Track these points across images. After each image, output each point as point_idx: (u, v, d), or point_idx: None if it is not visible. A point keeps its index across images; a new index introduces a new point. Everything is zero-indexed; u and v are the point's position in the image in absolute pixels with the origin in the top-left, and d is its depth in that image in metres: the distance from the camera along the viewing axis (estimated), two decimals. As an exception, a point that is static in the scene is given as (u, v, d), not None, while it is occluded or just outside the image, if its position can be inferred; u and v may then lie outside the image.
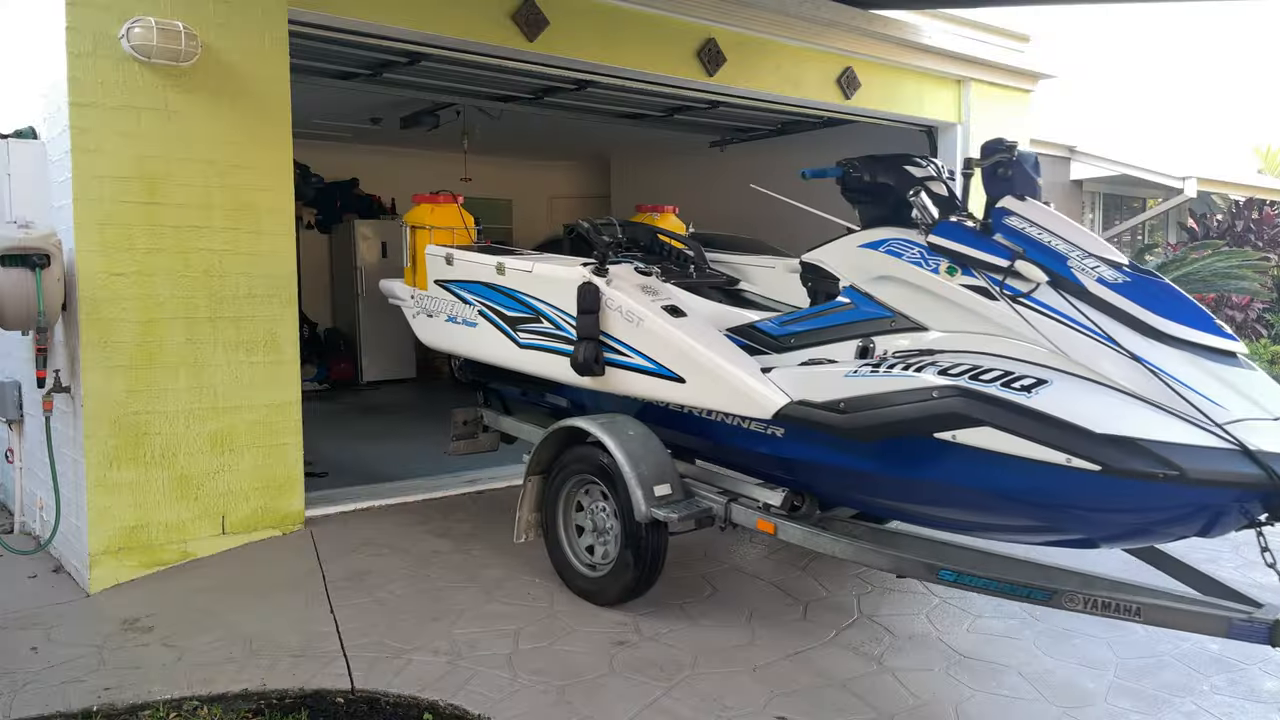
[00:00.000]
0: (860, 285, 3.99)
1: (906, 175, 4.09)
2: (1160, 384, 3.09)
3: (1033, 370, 3.28)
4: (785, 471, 4.11)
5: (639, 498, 4.03)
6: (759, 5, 6.80)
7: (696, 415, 4.37)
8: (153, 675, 3.64)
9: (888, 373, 3.54)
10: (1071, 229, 3.60)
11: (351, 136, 11.08)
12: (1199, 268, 10.82)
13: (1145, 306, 3.28)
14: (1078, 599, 3.23)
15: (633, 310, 4.30)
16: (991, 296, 3.51)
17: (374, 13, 5.35)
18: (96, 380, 4.50)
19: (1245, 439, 2.93)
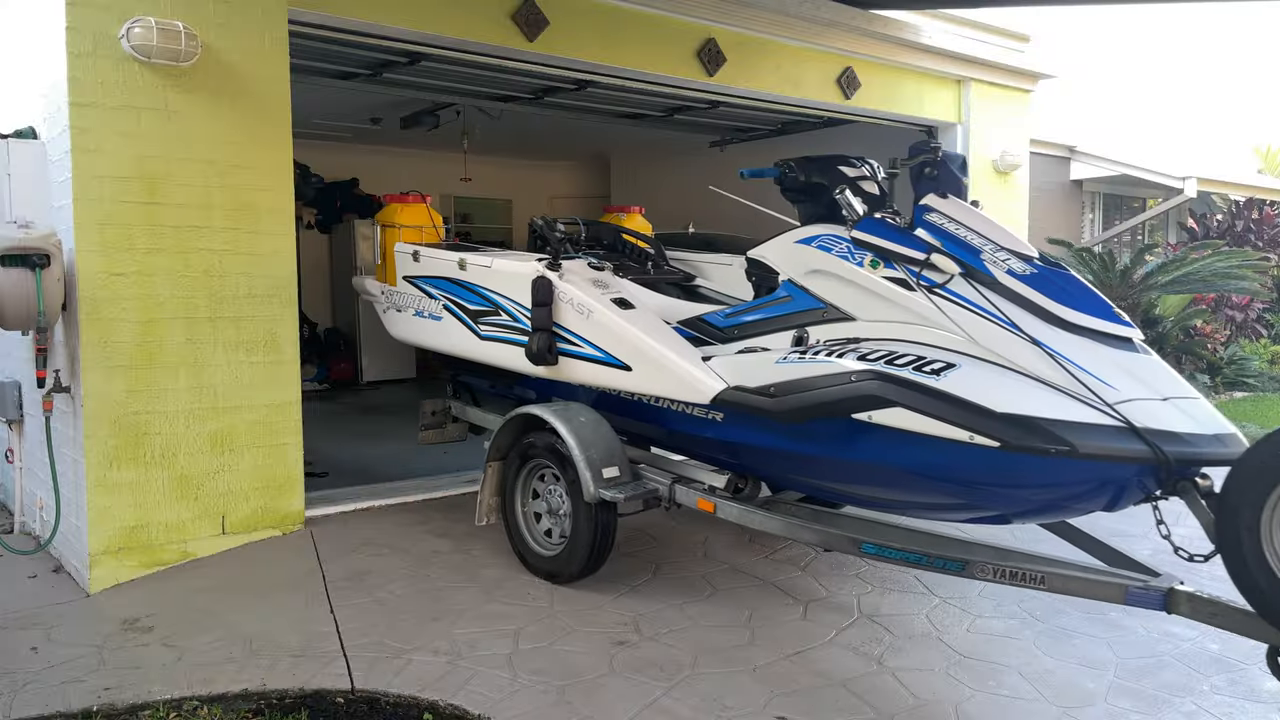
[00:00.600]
0: (796, 279, 4.22)
1: (839, 174, 4.30)
2: (1059, 367, 3.34)
3: (943, 355, 3.55)
4: (728, 455, 4.36)
5: (588, 479, 4.27)
6: (759, 5, 6.80)
7: (647, 403, 4.61)
8: (153, 675, 3.64)
9: (813, 359, 3.84)
10: (988, 225, 3.84)
11: (351, 136, 11.08)
12: (1199, 268, 10.81)
13: (1049, 296, 3.53)
14: (988, 569, 3.47)
15: (583, 302, 4.53)
16: (910, 287, 3.76)
17: (374, 13, 5.35)
18: (96, 380, 4.50)
19: (1133, 417, 3.17)
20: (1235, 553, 2.94)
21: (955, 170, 4.08)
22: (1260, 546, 2.89)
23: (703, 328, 4.58)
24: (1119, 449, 3.16)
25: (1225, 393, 11.34)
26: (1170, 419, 3.24)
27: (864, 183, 4.29)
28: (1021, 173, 9.04)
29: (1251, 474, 2.93)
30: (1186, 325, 11.90)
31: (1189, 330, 12.03)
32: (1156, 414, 3.23)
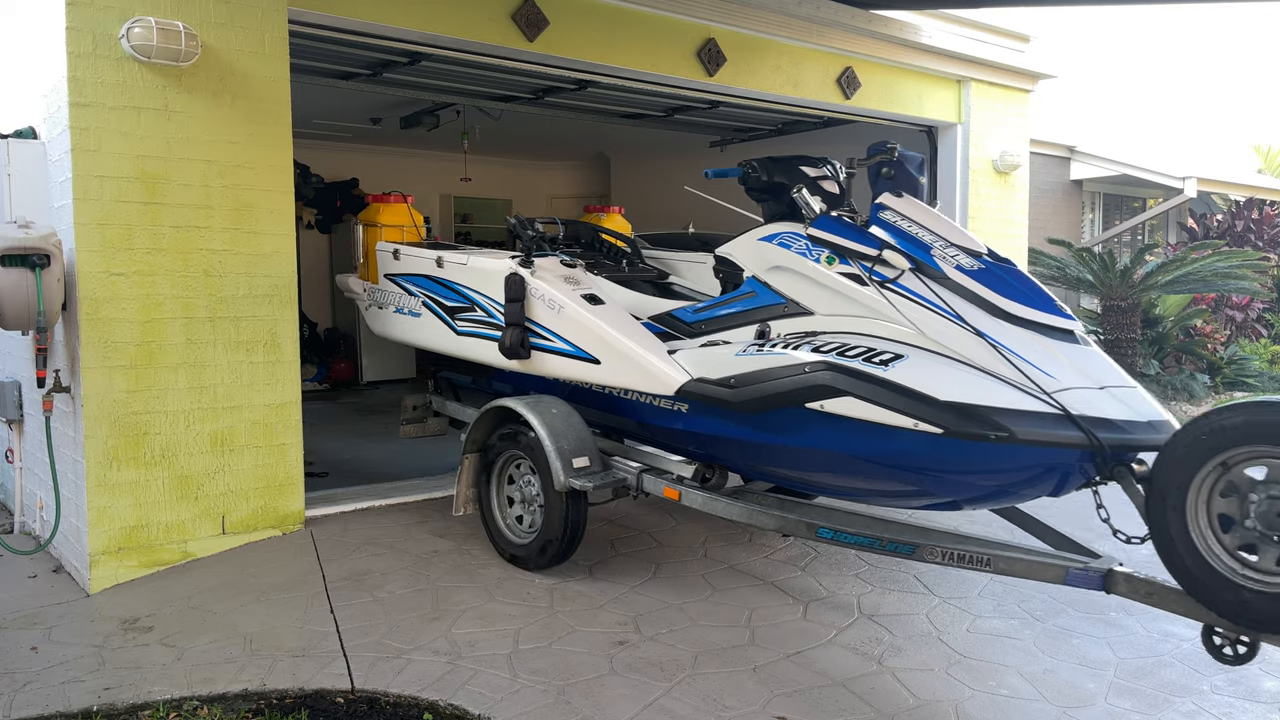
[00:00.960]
0: (760, 275, 4.38)
1: (799, 174, 4.43)
2: (1001, 358, 3.51)
3: (892, 346, 3.72)
4: (694, 445, 4.51)
5: (558, 469, 4.43)
6: (759, 5, 6.80)
7: (619, 396, 4.77)
8: (153, 675, 3.64)
9: (770, 351, 4.03)
10: (940, 222, 3.99)
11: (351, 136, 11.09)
12: (1199, 268, 10.81)
13: (994, 290, 3.70)
14: (936, 552, 3.65)
15: (554, 298, 4.72)
16: (863, 282, 3.93)
17: (374, 13, 5.35)
18: (96, 380, 4.50)
19: (1070, 405, 3.34)
20: (1163, 533, 3.07)
21: (912, 170, 4.21)
22: (1186, 527, 3.01)
23: (672, 323, 4.74)
24: (1055, 435, 3.31)
25: (1225, 393, 11.34)
26: (1106, 407, 3.39)
27: (824, 182, 4.43)
28: (1021, 173, 9.04)
29: (1178, 458, 3.04)
30: (1186, 325, 11.91)
31: (1189, 330, 12.03)
32: (1093, 402, 3.38)
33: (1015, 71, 8.83)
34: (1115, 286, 10.84)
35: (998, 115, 8.78)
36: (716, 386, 4.13)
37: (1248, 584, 2.89)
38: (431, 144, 11.25)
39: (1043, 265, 10.98)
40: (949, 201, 8.70)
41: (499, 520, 4.92)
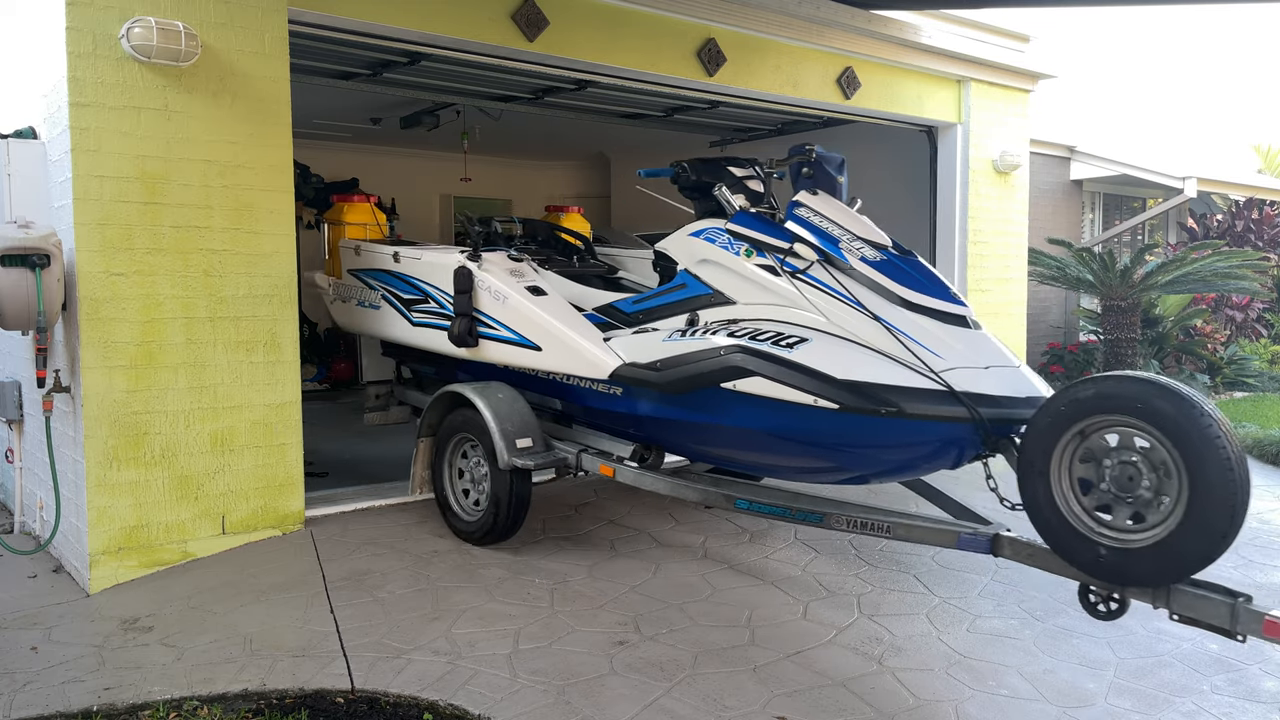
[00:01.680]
0: (690, 268, 4.69)
1: (725, 173, 4.74)
2: (896, 341, 3.85)
3: (798, 331, 4.08)
4: (631, 426, 4.87)
5: (502, 449, 4.77)
6: (759, 5, 6.80)
7: (564, 382, 5.12)
8: (153, 675, 3.64)
9: (691, 337, 4.40)
10: (849, 218, 4.29)
11: (351, 136, 11.08)
12: (1199, 268, 10.81)
13: (894, 279, 4.02)
14: (843, 520, 3.98)
15: (500, 289, 5.08)
16: (777, 273, 4.27)
17: (374, 13, 5.35)
18: (96, 380, 4.50)
19: (954, 383, 3.67)
20: (1032, 497, 3.36)
21: (831, 170, 4.50)
22: (1051, 490, 3.32)
23: (614, 313, 5.08)
24: (940, 410, 3.66)
25: (1225, 393, 11.34)
26: (987, 384, 3.71)
27: (750, 181, 4.74)
28: (1021, 173, 9.04)
29: (1043, 428, 3.34)
30: (1186, 325, 11.90)
31: (1189, 330, 12.03)
32: (976, 380, 3.71)
33: (1015, 71, 8.83)
34: (1115, 286, 10.84)
35: (998, 115, 8.78)
36: (644, 370, 4.51)
37: (1103, 540, 3.21)
38: (431, 144, 11.25)
39: (1043, 265, 10.98)
40: (949, 201, 8.70)
41: (451, 499, 5.25)
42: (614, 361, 4.67)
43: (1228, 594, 3.11)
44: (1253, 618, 3.01)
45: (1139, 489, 3.16)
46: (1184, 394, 3.09)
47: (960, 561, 4.82)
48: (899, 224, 10.00)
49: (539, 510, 5.60)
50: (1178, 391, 3.09)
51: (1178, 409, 3.05)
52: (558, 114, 9.16)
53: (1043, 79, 9.16)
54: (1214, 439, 3.00)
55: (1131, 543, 3.16)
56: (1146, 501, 3.15)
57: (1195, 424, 3.01)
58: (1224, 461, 2.97)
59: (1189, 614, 3.18)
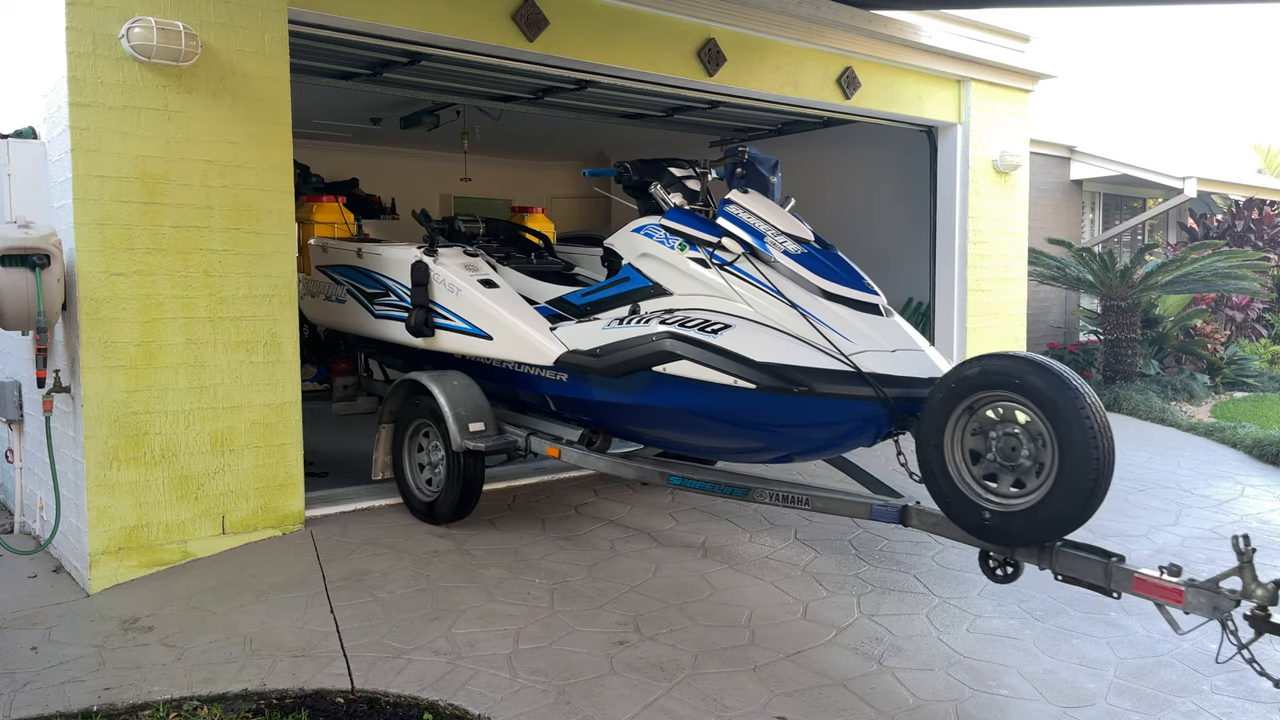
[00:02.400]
0: (633, 262, 4.96)
1: (665, 173, 5.05)
2: (811, 327, 4.15)
3: (724, 318, 4.39)
4: (577, 411, 5.18)
5: (455, 432, 5.08)
6: (759, 5, 6.80)
7: (517, 371, 5.41)
8: (153, 675, 3.64)
9: (628, 325, 4.74)
10: (776, 214, 4.56)
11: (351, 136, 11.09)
12: (1199, 268, 10.81)
13: (813, 271, 4.32)
14: (766, 494, 4.32)
15: (454, 282, 5.46)
16: (707, 265, 4.56)
17: (374, 13, 5.35)
18: (96, 380, 4.50)
19: (862, 364, 4.01)
20: (928, 468, 3.67)
21: (764, 170, 4.82)
22: (944, 461, 3.64)
23: (564, 305, 5.39)
24: (848, 390, 4.01)
25: (1225, 393, 11.34)
26: (892, 365, 4.03)
27: (689, 181, 5.05)
28: (1021, 173, 9.04)
29: (936, 405, 3.65)
30: (1186, 325, 11.90)
31: (1189, 330, 12.03)
32: (882, 362, 4.03)
33: (1015, 71, 8.83)
34: (1115, 286, 10.84)
35: (998, 115, 8.78)
36: (586, 356, 4.87)
37: (989, 505, 3.52)
38: (431, 144, 11.25)
39: (1043, 265, 10.98)
40: (949, 201, 8.71)
41: (410, 480, 5.55)
42: (559, 349, 5.03)
43: (1103, 554, 3.40)
44: (1124, 576, 3.30)
45: (1020, 458, 3.47)
46: (1055, 370, 3.39)
47: (960, 561, 4.82)
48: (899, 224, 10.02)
49: (539, 510, 5.60)
50: (1050, 368, 3.40)
51: (1049, 384, 3.35)
52: (558, 114, 9.16)
53: (1043, 79, 9.16)
54: (1081, 411, 3.29)
55: (1012, 507, 3.47)
56: (1026, 469, 3.46)
57: (1065, 397, 3.31)
58: (1089, 431, 3.26)
59: (1070, 574, 3.46)
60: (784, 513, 5.55)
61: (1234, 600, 3.03)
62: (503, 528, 5.27)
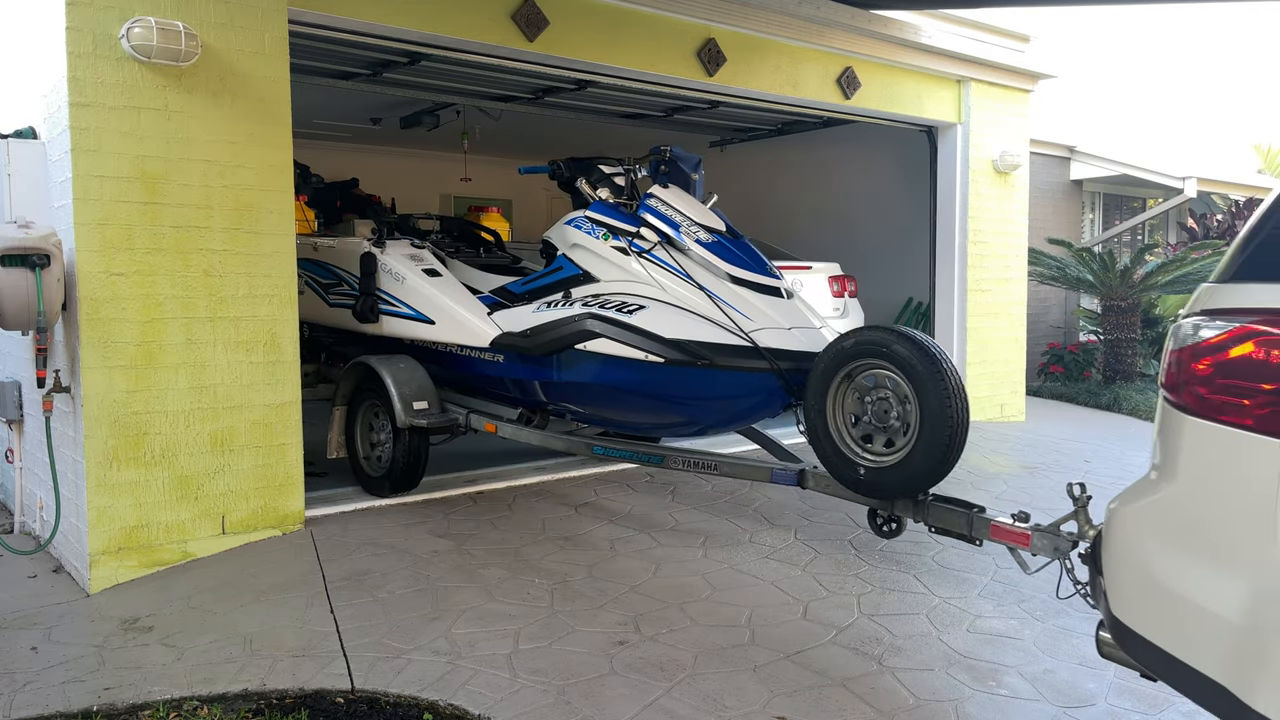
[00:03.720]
0: (565, 252, 5.36)
1: (595, 170, 5.46)
2: (716, 308, 4.59)
3: (639, 300, 4.81)
4: (515, 390, 5.61)
5: (399, 410, 5.56)
6: (759, 5, 6.80)
7: (459, 354, 5.81)
8: (153, 675, 3.64)
9: (554, 308, 5.18)
10: (692, 207, 4.99)
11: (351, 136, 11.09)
12: (1199, 268, 10.80)
13: (721, 258, 4.76)
14: (679, 460, 4.82)
15: (399, 271, 5.96)
16: (627, 253, 4.98)
17: (374, 13, 5.35)
18: (96, 380, 4.50)
19: (759, 340, 4.44)
20: (813, 431, 4.09)
21: (686, 168, 5.30)
22: (827, 424, 4.06)
23: (505, 294, 5.80)
24: (745, 362, 4.44)
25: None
26: (787, 341, 4.48)
27: (617, 177, 5.45)
28: (1021, 173, 9.04)
29: (819, 374, 4.07)
30: (1186, 325, 11.87)
31: (1189, 330, 12.00)
32: (778, 338, 4.48)
33: (1015, 71, 8.83)
34: (1115, 286, 10.84)
35: (998, 115, 8.78)
36: (518, 337, 5.33)
37: (864, 463, 3.95)
38: (431, 144, 11.25)
39: (1043, 265, 10.98)
40: (949, 201, 8.71)
41: (361, 457, 6.02)
42: (494, 331, 5.50)
43: (966, 506, 3.82)
44: (983, 524, 3.68)
45: (891, 419, 3.90)
46: (917, 339, 3.80)
47: (960, 561, 4.82)
48: (899, 224, 10.03)
49: (539, 510, 5.60)
50: (912, 338, 3.81)
51: (911, 352, 3.75)
52: (558, 114, 9.16)
53: (1043, 79, 9.15)
54: (938, 376, 3.69)
55: (883, 463, 3.90)
56: (896, 429, 3.89)
57: (924, 364, 3.71)
58: (944, 393, 3.67)
59: (941, 525, 3.87)
60: (784, 513, 5.55)
61: (1071, 542, 3.31)
62: (503, 528, 5.27)
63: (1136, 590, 2.46)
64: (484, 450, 7.02)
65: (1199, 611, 2.21)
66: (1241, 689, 2.08)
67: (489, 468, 6.42)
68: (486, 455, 6.85)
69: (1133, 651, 2.47)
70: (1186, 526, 2.31)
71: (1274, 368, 2.11)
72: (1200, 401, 2.25)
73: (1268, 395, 2.11)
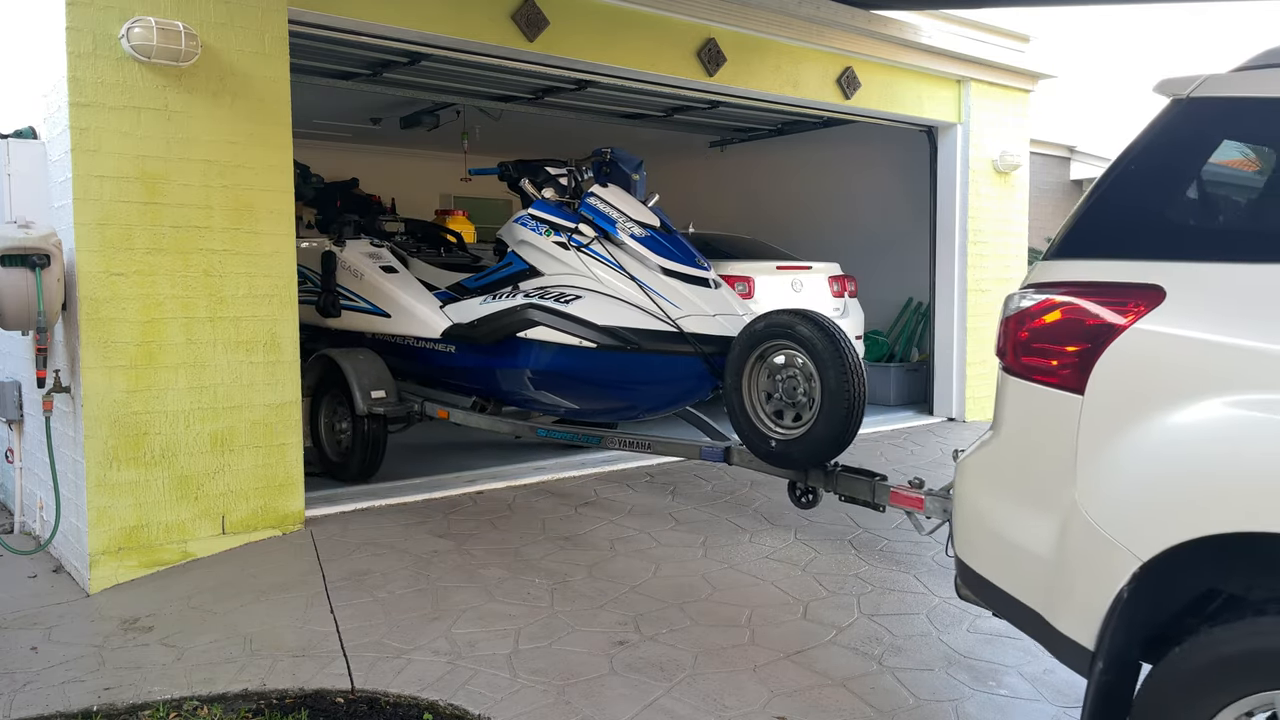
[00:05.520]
0: (514, 248, 5.79)
1: (541, 171, 5.89)
2: (647, 297, 5.00)
3: (577, 291, 5.20)
4: (466, 379, 6.03)
5: (358, 398, 5.93)
6: (759, 5, 6.80)
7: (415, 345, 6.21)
8: (153, 675, 3.64)
9: (500, 299, 5.58)
10: (630, 205, 5.37)
11: (351, 136, 11.09)
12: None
13: (654, 251, 5.16)
14: (616, 440, 5.25)
15: (357, 268, 6.47)
16: (567, 247, 5.37)
17: (374, 13, 5.35)
18: (96, 380, 4.50)
19: (685, 326, 4.87)
20: (731, 408, 4.49)
21: (626, 169, 5.72)
22: (743, 401, 4.47)
23: (460, 289, 6.20)
24: (671, 346, 4.85)
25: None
26: (711, 327, 4.89)
27: (561, 177, 5.85)
28: (1021, 173, 9.04)
29: (735, 355, 4.50)
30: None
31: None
32: (703, 324, 4.89)
33: (1015, 71, 8.83)
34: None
35: (997, 115, 8.78)
36: (467, 328, 5.73)
37: (774, 435, 4.38)
38: (431, 144, 11.25)
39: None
40: (949, 201, 8.71)
41: (325, 444, 6.40)
42: (445, 323, 5.92)
43: (869, 475, 4.24)
44: (884, 490, 4.08)
45: (799, 395, 4.29)
46: (820, 320, 4.21)
47: (960, 561, 4.82)
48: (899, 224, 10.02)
49: (539, 510, 5.60)
50: (815, 319, 4.21)
51: (813, 332, 4.15)
52: (558, 114, 9.17)
53: (1043, 79, 9.16)
54: (838, 354, 4.07)
55: (791, 435, 4.30)
56: (803, 404, 4.29)
57: (825, 343, 4.09)
58: (843, 370, 4.05)
59: (849, 493, 4.29)
60: (784, 513, 5.55)
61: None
62: (503, 528, 5.27)
63: (972, 532, 2.76)
64: (484, 450, 7.03)
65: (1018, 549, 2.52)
66: (1050, 613, 2.40)
67: (489, 468, 6.42)
68: (487, 455, 6.86)
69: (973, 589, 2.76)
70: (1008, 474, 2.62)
71: (1076, 332, 2.40)
72: (1020, 363, 2.56)
73: (1070, 356, 2.40)
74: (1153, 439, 2.20)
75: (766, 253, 8.69)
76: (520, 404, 6.05)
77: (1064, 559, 2.34)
